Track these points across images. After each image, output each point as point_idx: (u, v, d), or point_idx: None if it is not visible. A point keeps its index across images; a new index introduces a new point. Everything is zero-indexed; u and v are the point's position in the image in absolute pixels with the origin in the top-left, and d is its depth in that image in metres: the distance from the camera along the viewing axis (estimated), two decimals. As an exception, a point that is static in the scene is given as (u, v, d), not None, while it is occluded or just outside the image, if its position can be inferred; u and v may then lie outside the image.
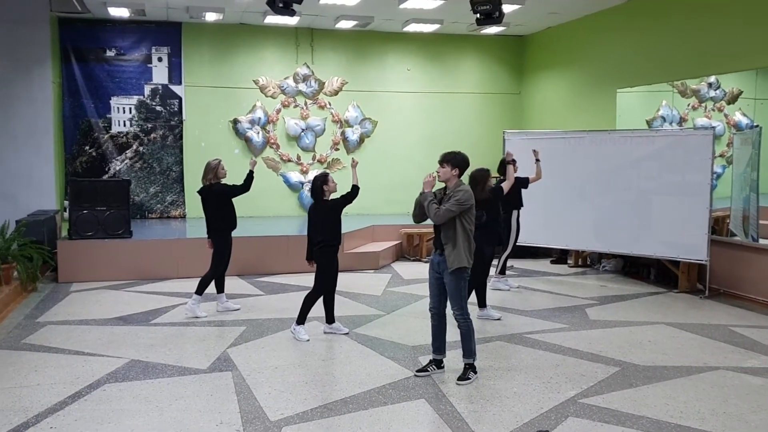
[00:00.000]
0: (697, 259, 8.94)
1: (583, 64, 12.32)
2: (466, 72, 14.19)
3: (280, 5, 7.58)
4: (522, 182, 8.74)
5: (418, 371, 5.72)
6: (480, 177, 7.04)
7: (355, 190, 6.98)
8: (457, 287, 5.52)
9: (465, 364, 5.65)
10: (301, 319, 6.79)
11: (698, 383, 5.55)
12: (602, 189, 9.93)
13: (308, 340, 6.66)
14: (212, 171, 7.57)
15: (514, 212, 9.09)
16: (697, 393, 5.32)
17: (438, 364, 5.78)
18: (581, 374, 5.74)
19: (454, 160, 5.64)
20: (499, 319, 7.54)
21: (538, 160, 9.01)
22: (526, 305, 8.34)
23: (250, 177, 7.69)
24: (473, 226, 5.58)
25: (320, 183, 6.80)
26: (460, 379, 5.54)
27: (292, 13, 7.91)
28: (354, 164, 7.29)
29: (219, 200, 7.58)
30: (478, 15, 8.24)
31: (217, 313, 7.78)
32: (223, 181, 7.65)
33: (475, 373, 5.62)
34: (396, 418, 4.78)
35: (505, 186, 7.59)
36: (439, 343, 5.81)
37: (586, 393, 5.30)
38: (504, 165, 8.08)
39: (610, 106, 11.42)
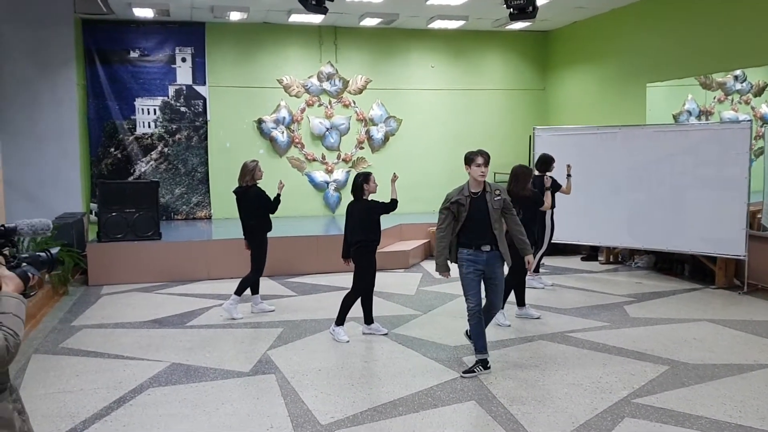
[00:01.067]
0: (734, 254, 8.77)
1: (611, 59, 12.16)
2: (491, 68, 14.06)
3: (313, 2, 7.48)
4: (556, 187, 8.64)
5: (464, 372, 5.62)
6: (522, 174, 7.04)
7: (394, 203, 6.92)
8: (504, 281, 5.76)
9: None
10: (340, 320, 6.71)
11: (752, 381, 5.42)
12: (635, 184, 9.79)
13: (348, 341, 6.58)
14: (250, 173, 7.51)
15: (548, 211, 8.98)
16: (752, 391, 5.19)
17: (485, 364, 5.67)
18: (630, 373, 5.62)
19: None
20: (538, 318, 7.43)
21: (569, 176, 8.92)
22: (563, 303, 8.22)
23: (277, 200, 7.58)
24: None
25: (361, 181, 6.79)
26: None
27: (325, 11, 7.82)
28: (394, 179, 7.13)
29: (254, 203, 7.52)
30: (512, 10, 8.12)
31: (252, 315, 7.71)
32: (259, 183, 7.59)
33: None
34: (448, 421, 4.69)
35: (546, 202, 7.76)
36: (483, 342, 5.71)
37: (639, 393, 5.18)
38: (547, 166, 8.43)
39: (640, 101, 11.26)
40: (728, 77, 11.04)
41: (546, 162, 8.65)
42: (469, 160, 5.74)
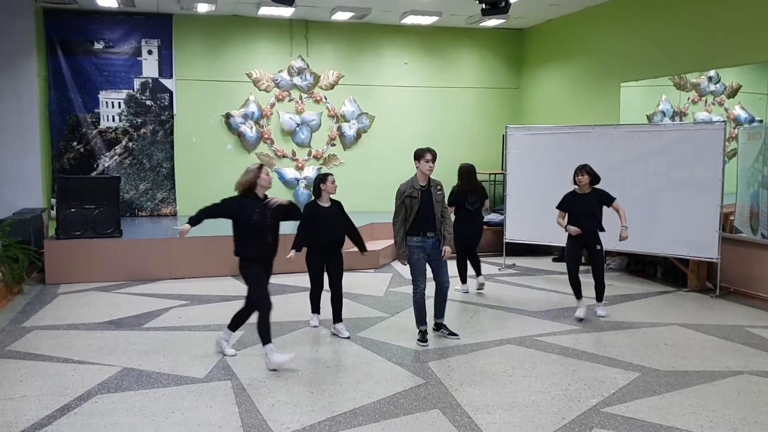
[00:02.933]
0: (707, 257, 8.68)
1: (585, 58, 12.03)
2: (464, 66, 13.88)
3: (282, -6, 7.21)
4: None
5: (420, 341, 6.38)
6: (468, 171, 8.32)
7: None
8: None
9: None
10: (316, 308, 7.01)
11: (724, 389, 5.28)
12: (608, 185, 9.56)
13: (317, 326, 6.77)
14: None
15: None
16: (724, 400, 5.04)
17: (423, 334, 6.42)
18: (600, 380, 5.45)
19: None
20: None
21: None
22: (532, 305, 8.05)
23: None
24: None
25: (318, 182, 6.77)
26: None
27: (291, 2, 7.56)
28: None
29: None
30: (484, 5, 7.91)
31: (211, 316, 7.42)
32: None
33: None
34: (410, 431, 4.47)
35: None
36: (423, 316, 6.47)
37: (609, 401, 5.01)
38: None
39: (614, 101, 11.15)
40: (702, 78, 10.96)
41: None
42: (419, 156, 6.38)
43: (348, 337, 6.60)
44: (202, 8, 11.59)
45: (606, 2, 11.20)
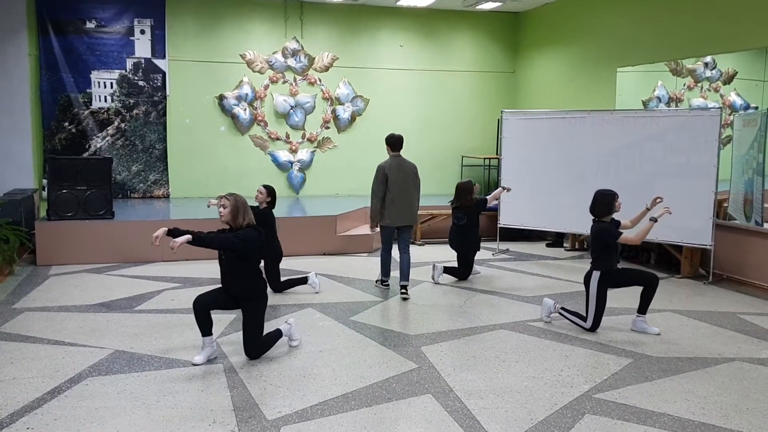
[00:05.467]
0: (701, 243, 8.68)
1: (582, 42, 11.96)
2: (460, 49, 13.78)
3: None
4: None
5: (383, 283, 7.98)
6: (465, 189, 8.48)
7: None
8: None
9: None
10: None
11: (716, 376, 5.28)
12: (603, 171, 9.61)
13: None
14: None
15: None
16: (716, 387, 5.05)
17: (384, 281, 8.02)
18: (593, 366, 5.45)
19: None
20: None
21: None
22: (526, 291, 8.05)
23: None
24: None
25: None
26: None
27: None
28: None
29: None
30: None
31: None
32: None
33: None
34: (402, 416, 4.46)
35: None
36: (387, 270, 8.01)
37: (601, 387, 5.00)
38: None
39: (610, 86, 11.09)
40: (698, 64, 10.92)
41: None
42: (393, 143, 7.83)
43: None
44: (196, -12, 11.45)
45: (603, -14, 11.12)
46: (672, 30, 9.88)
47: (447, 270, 8.49)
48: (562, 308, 6.65)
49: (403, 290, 7.59)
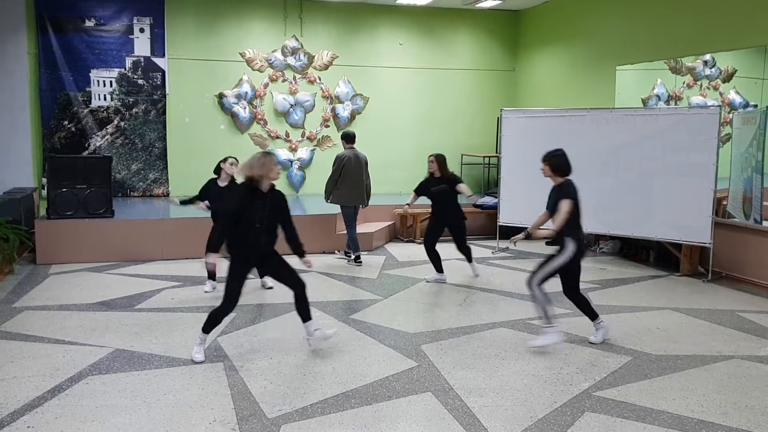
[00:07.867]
0: (700, 241, 8.69)
1: (581, 40, 11.96)
2: (460, 48, 13.78)
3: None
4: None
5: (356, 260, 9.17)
6: (445, 160, 8.38)
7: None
8: None
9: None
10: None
11: (715, 374, 5.30)
12: (603, 169, 9.61)
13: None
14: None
15: None
16: (715, 384, 5.06)
17: (357, 258, 9.23)
18: (592, 364, 5.47)
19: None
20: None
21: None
22: (526, 289, 8.02)
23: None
24: None
25: (219, 162, 7.32)
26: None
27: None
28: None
29: None
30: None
31: (204, 297, 7.40)
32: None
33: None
34: (402, 414, 4.47)
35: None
36: (356, 245, 9.42)
37: (600, 385, 5.02)
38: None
39: (609, 84, 11.09)
40: (698, 62, 10.93)
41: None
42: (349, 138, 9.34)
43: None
44: (195, -14, 11.44)
45: (603, -16, 11.12)
46: (671, 28, 9.88)
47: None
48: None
49: (358, 260, 9.31)
